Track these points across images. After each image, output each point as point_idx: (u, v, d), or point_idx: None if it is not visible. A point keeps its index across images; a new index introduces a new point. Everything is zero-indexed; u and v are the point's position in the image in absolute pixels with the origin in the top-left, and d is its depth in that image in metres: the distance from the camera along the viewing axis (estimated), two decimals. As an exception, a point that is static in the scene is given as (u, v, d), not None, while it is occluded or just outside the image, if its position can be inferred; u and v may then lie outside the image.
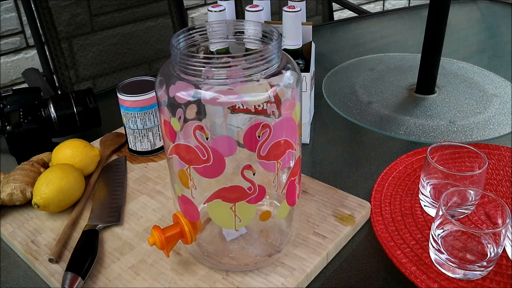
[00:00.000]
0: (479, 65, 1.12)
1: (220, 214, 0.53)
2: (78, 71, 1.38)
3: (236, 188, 0.50)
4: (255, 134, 0.48)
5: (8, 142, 0.77)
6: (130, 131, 0.77)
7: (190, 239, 0.54)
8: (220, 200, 0.51)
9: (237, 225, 0.53)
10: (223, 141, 0.50)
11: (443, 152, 0.69)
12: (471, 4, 1.55)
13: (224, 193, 0.51)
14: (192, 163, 0.50)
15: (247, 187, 0.50)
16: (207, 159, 0.49)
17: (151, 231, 0.54)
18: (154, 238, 0.54)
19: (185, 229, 0.54)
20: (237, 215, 0.52)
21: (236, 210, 0.52)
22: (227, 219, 0.53)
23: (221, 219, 0.54)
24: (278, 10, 1.38)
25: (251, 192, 0.51)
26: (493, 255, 0.55)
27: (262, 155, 0.50)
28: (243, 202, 0.51)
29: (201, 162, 0.49)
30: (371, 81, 1.06)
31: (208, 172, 0.50)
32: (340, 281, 0.58)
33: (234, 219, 0.52)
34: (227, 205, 0.51)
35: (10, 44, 1.84)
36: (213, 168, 0.49)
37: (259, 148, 0.49)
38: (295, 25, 0.76)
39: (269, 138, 0.49)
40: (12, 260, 0.63)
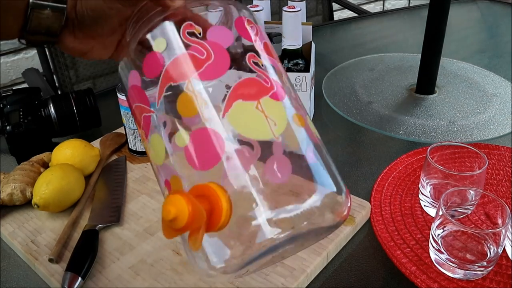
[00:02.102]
0: (479, 65, 1.12)
1: (249, 120, 0.40)
2: (78, 71, 1.38)
3: (251, 81, 0.42)
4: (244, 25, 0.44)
5: (8, 142, 0.77)
6: (130, 131, 0.77)
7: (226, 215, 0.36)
8: (241, 101, 0.40)
9: (274, 130, 0.40)
10: (216, 31, 0.43)
11: (443, 152, 0.69)
12: (471, 4, 1.55)
13: (242, 89, 0.41)
14: (192, 71, 0.41)
15: (263, 80, 0.42)
16: (207, 56, 0.41)
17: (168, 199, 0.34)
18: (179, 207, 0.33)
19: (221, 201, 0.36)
20: (268, 115, 0.40)
21: (264, 110, 0.40)
22: (259, 124, 0.40)
23: (252, 128, 0.40)
24: (278, 10, 1.38)
25: (269, 86, 0.42)
26: (493, 255, 0.55)
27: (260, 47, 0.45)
28: (267, 97, 0.41)
29: (202, 63, 0.41)
30: (371, 81, 1.06)
31: (213, 70, 0.41)
32: (340, 281, 0.58)
33: (267, 121, 0.40)
34: (252, 104, 0.40)
35: (10, 44, 1.84)
36: (217, 63, 0.41)
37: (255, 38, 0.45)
38: (295, 25, 0.76)
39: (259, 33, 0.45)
40: (12, 260, 0.63)
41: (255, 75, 0.42)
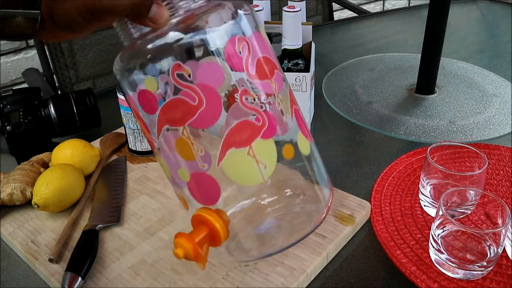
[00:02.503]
0: (479, 65, 1.12)
1: (241, 167, 0.45)
2: (78, 71, 1.38)
3: (244, 124, 0.44)
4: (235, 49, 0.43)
5: (8, 142, 0.77)
6: (130, 131, 0.77)
7: (224, 235, 0.44)
8: (233, 149, 0.43)
9: (263, 173, 0.44)
10: (205, 70, 0.43)
11: (443, 152, 0.69)
12: (471, 4, 1.55)
13: (234, 136, 0.44)
14: (186, 117, 0.43)
15: (255, 119, 0.44)
16: (199, 102, 0.42)
17: (176, 242, 0.43)
18: (184, 247, 0.43)
19: (215, 226, 0.44)
20: (258, 160, 0.44)
21: (255, 154, 0.44)
22: (250, 169, 0.44)
23: (244, 174, 0.45)
24: (278, 10, 1.38)
25: (261, 124, 0.44)
26: (493, 255, 0.55)
27: (252, 73, 0.44)
28: (258, 139, 0.44)
29: (195, 110, 0.42)
30: (371, 81, 1.06)
31: (206, 119, 0.43)
32: (340, 281, 0.58)
33: (257, 166, 0.44)
34: (244, 151, 0.44)
35: (10, 44, 1.84)
36: (209, 111, 0.43)
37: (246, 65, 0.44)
38: (295, 25, 0.76)
39: (251, 53, 0.44)
40: (12, 260, 0.63)
41: (248, 117, 0.44)
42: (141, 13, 0.42)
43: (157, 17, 0.42)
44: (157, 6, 0.42)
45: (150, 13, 0.42)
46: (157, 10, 0.42)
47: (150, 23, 0.42)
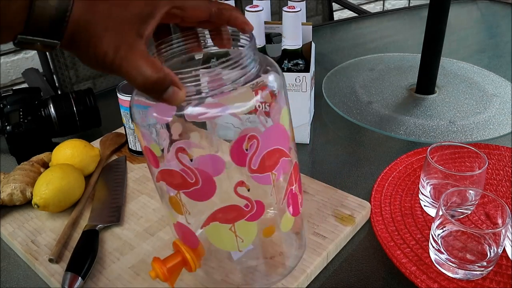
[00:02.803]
0: (479, 65, 1.12)
1: (220, 237, 0.50)
2: (78, 71, 1.38)
3: (232, 208, 0.47)
4: (242, 147, 0.45)
5: (8, 142, 0.77)
6: (130, 131, 0.77)
7: (194, 266, 0.50)
8: (217, 223, 0.48)
9: (240, 245, 0.50)
10: (208, 160, 0.46)
11: (443, 152, 0.69)
12: (471, 4, 1.55)
13: (220, 214, 0.48)
14: (181, 187, 0.47)
15: (244, 205, 0.47)
16: (196, 181, 0.45)
17: (152, 264, 0.50)
18: (156, 271, 0.49)
19: (187, 257, 0.50)
20: (238, 235, 0.49)
21: (236, 230, 0.48)
22: (229, 241, 0.49)
23: (222, 242, 0.51)
24: (278, 10, 1.38)
25: (249, 210, 0.47)
26: (493, 255, 0.55)
27: (253, 168, 0.46)
28: (242, 221, 0.48)
29: (190, 186, 0.46)
30: (371, 81, 1.06)
31: (199, 195, 0.46)
32: (340, 281, 0.58)
33: (236, 240, 0.49)
34: (226, 226, 0.48)
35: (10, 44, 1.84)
36: (203, 190, 0.46)
37: (249, 162, 0.46)
38: (295, 25, 0.76)
39: (258, 150, 0.46)
40: (12, 260, 0.63)
41: (238, 203, 0.47)
42: (155, 93, 0.41)
43: (171, 99, 0.41)
44: (173, 88, 0.41)
45: (166, 94, 0.41)
46: (172, 92, 0.41)
47: (164, 102, 0.42)
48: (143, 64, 0.40)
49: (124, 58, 0.39)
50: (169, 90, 0.41)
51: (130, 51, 0.40)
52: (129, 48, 0.40)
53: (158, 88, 0.40)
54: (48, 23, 0.37)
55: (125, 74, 0.40)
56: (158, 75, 0.40)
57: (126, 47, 0.40)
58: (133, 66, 0.40)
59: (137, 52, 0.40)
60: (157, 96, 0.41)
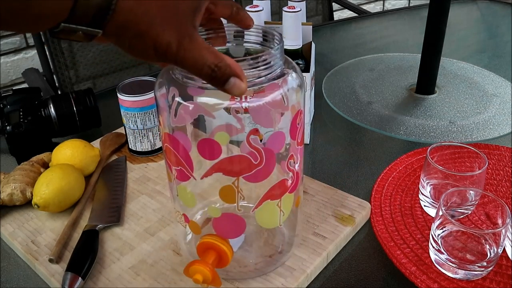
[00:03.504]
0: (479, 65, 1.12)
1: (269, 214, 0.52)
2: (78, 71, 1.38)
3: (282, 183, 0.50)
4: (296, 122, 0.49)
5: (8, 142, 0.77)
6: (130, 131, 0.77)
7: (231, 256, 0.51)
8: (269, 201, 0.50)
9: (281, 219, 0.52)
10: (275, 138, 0.48)
11: (443, 152, 0.69)
12: (471, 4, 1.55)
13: (273, 191, 0.50)
14: (242, 172, 0.48)
15: (290, 177, 0.50)
16: (260, 162, 0.47)
17: (193, 269, 0.48)
18: (204, 273, 0.48)
19: (223, 249, 0.50)
20: (282, 209, 0.51)
21: (281, 204, 0.51)
22: (274, 217, 0.52)
23: (268, 220, 0.53)
24: (278, 10, 1.38)
25: (291, 182, 0.51)
26: (493, 255, 0.55)
27: (298, 141, 0.50)
28: (286, 194, 0.51)
29: (253, 167, 0.47)
30: (371, 81, 1.06)
31: (260, 175, 0.48)
32: (340, 281, 0.58)
33: (279, 214, 0.51)
34: (275, 202, 0.50)
35: (10, 44, 1.84)
36: (265, 169, 0.48)
37: (298, 135, 0.50)
38: (295, 25, 0.76)
39: (301, 124, 0.50)
40: (12, 260, 0.63)
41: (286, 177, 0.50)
42: (218, 82, 0.42)
43: (232, 90, 0.42)
44: (235, 79, 0.42)
45: (227, 84, 0.41)
46: (233, 83, 0.42)
47: (226, 91, 0.42)
48: (207, 54, 0.41)
49: (188, 49, 0.40)
50: (231, 80, 0.41)
51: (192, 42, 0.41)
52: (190, 39, 0.41)
53: (221, 78, 0.41)
54: (94, 11, 0.37)
55: (190, 66, 0.41)
56: (222, 64, 0.41)
57: (188, 39, 0.40)
58: (198, 57, 0.41)
59: (198, 43, 0.41)
60: (220, 86, 0.42)
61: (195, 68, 0.41)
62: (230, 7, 0.48)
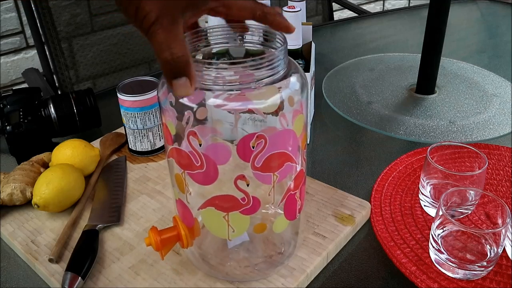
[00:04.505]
0: (479, 65, 1.12)
1: (213, 222, 0.52)
2: (78, 71, 1.38)
3: (229, 198, 0.49)
4: (249, 144, 0.46)
5: (8, 142, 0.77)
6: (130, 131, 0.77)
7: (187, 243, 0.53)
8: (213, 208, 0.50)
9: (230, 234, 0.52)
10: (216, 149, 0.48)
11: (443, 152, 0.69)
12: (471, 4, 1.55)
13: (217, 201, 0.50)
14: (187, 168, 0.49)
15: (241, 198, 0.49)
16: (200, 165, 0.48)
17: (148, 232, 0.53)
18: (150, 239, 0.53)
19: (181, 233, 0.53)
20: (230, 225, 0.51)
21: (229, 220, 0.50)
22: (220, 228, 0.51)
23: (214, 227, 0.53)
24: (278, 10, 1.37)
25: (245, 203, 0.49)
26: (493, 255, 0.55)
27: (256, 166, 0.48)
28: (236, 212, 0.50)
29: (195, 168, 0.48)
30: (371, 81, 1.06)
31: (202, 179, 0.49)
32: (340, 281, 0.58)
33: (227, 228, 0.51)
34: (220, 213, 0.50)
35: (10, 44, 1.84)
36: (206, 175, 0.48)
37: (253, 159, 0.47)
38: (295, 25, 0.76)
39: (264, 150, 0.47)
40: (12, 260, 0.63)
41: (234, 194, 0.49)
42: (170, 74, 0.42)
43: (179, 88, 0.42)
44: (186, 79, 0.41)
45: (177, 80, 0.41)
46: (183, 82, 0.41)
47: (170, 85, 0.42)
48: (177, 41, 0.41)
49: (163, 28, 0.40)
50: (182, 79, 0.41)
51: (171, 24, 0.40)
52: (171, 21, 0.40)
53: (175, 71, 0.41)
54: None
55: (156, 43, 0.41)
56: (184, 59, 0.41)
57: (169, 19, 0.40)
58: (167, 39, 0.40)
59: (176, 28, 0.41)
60: (169, 78, 0.42)
61: (159, 47, 0.41)
62: (251, 10, 0.47)
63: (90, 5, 1.34)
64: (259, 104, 0.46)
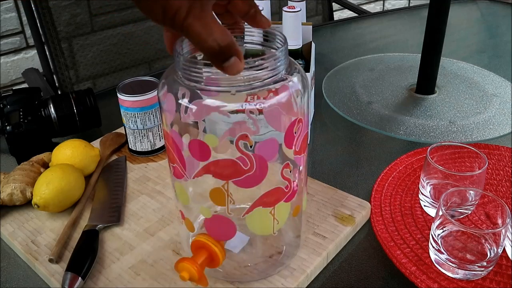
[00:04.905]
0: (479, 65, 1.12)
1: (261, 221, 0.51)
2: (78, 71, 1.38)
3: (276, 191, 0.49)
4: (293, 131, 0.48)
5: (8, 142, 0.77)
6: (130, 131, 0.77)
7: (222, 258, 0.51)
8: (260, 207, 0.49)
9: (275, 227, 0.52)
10: (266, 146, 0.47)
11: (443, 152, 0.69)
12: (471, 4, 1.55)
13: (265, 198, 0.49)
14: (231, 177, 0.47)
15: (285, 186, 0.50)
16: (250, 168, 0.47)
17: (181, 265, 0.49)
18: (190, 271, 0.48)
19: (214, 250, 0.50)
20: (275, 217, 0.51)
21: (275, 213, 0.50)
22: (267, 224, 0.51)
23: (261, 227, 0.52)
24: (278, 10, 1.38)
25: (287, 191, 0.50)
26: (493, 255, 0.55)
27: (296, 150, 0.49)
28: (281, 202, 0.50)
29: (243, 173, 0.47)
30: (371, 81, 1.06)
31: (250, 181, 0.48)
32: (340, 281, 0.58)
33: (273, 222, 0.51)
34: (267, 210, 0.50)
35: (10, 44, 1.84)
36: (255, 176, 0.47)
37: (296, 144, 0.49)
38: (295, 25, 0.76)
39: (301, 131, 0.49)
40: (12, 260, 0.63)
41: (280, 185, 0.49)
42: (218, 59, 0.41)
43: (231, 69, 0.41)
44: (236, 58, 0.41)
45: (228, 62, 0.41)
46: (234, 62, 0.41)
47: (222, 69, 0.42)
48: (215, 27, 0.40)
49: (197, 18, 0.39)
50: (232, 59, 0.41)
51: (203, 12, 0.39)
52: (202, 9, 0.39)
53: (223, 54, 0.40)
54: None
55: (195, 35, 0.40)
56: (228, 41, 0.40)
57: (199, 8, 0.39)
58: (205, 27, 0.39)
59: (209, 14, 0.40)
60: (219, 63, 0.41)
61: (199, 38, 0.40)
62: (249, 7, 0.47)
63: (90, 5, 1.34)
64: (259, 105, 0.46)
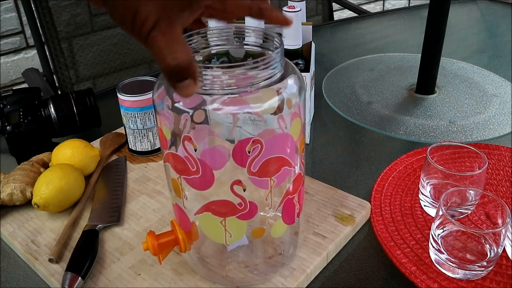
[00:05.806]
0: (479, 65, 1.12)
1: (210, 227, 0.52)
2: (78, 71, 1.38)
3: (226, 203, 0.49)
4: (244, 149, 0.46)
5: (8, 142, 0.77)
6: (130, 131, 0.77)
7: (184, 247, 0.53)
8: (209, 213, 0.49)
9: (227, 239, 0.51)
10: (213, 153, 0.47)
11: (443, 152, 0.69)
12: (471, 4, 1.55)
13: (214, 206, 0.49)
14: (183, 173, 0.49)
15: (237, 203, 0.49)
16: (196, 170, 0.47)
17: (146, 236, 0.53)
18: (148, 243, 0.52)
19: (179, 237, 0.52)
20: (227, 230, 0.50)
21: (226, 225, 0.50)
22: (218, 233, 0.51)
23: (211, 233, 0.52)
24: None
25: (242, 208, 0.49)
26: (493, 255, 0.55)
27: (252, 171, 0.47)
28: (233, 217, 0.49)
29: (191, 174, 0.48)
30: (371, 81, 1.06)
31: (198, 184, 0.48)
32: (340, 281, 0.58)
33: (224, 233, 0.51)
34: (217, 219, 0.50)
35: (10, 44, 1.84)
36: (202, 180, 0.48)
37: (249, 164, 0.47)
38: (295, 25, 0.76)
39: (261, 154, 0.47)
40: (12, 260, 0.63)
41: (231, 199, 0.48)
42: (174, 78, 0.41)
43: (183, 90, 0.41)
44: (190, 80, 0.40)
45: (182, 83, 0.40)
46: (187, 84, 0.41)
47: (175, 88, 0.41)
48: (178, 45, 0.39)
49: (162, 33, 0.38)
50: (186, 82, 0.40)
51: (170, 27, 0.39)
52: (170, 24, 0.39)
53: (179, 74, 0.40)
54: None
55: (157, 49, 0.39)
56: (187, 62, 0.40)
57: (167, 22, 0.39)
58: (168, 44, 0.39)
59: (176, 31, 0.39)
60: (173, 82, 0.41)
61: (160, 54, 0.39)
62: (247, 7, 0.46)
63: (90, 5, 1.34)
64: (256, 107, 0.46)
